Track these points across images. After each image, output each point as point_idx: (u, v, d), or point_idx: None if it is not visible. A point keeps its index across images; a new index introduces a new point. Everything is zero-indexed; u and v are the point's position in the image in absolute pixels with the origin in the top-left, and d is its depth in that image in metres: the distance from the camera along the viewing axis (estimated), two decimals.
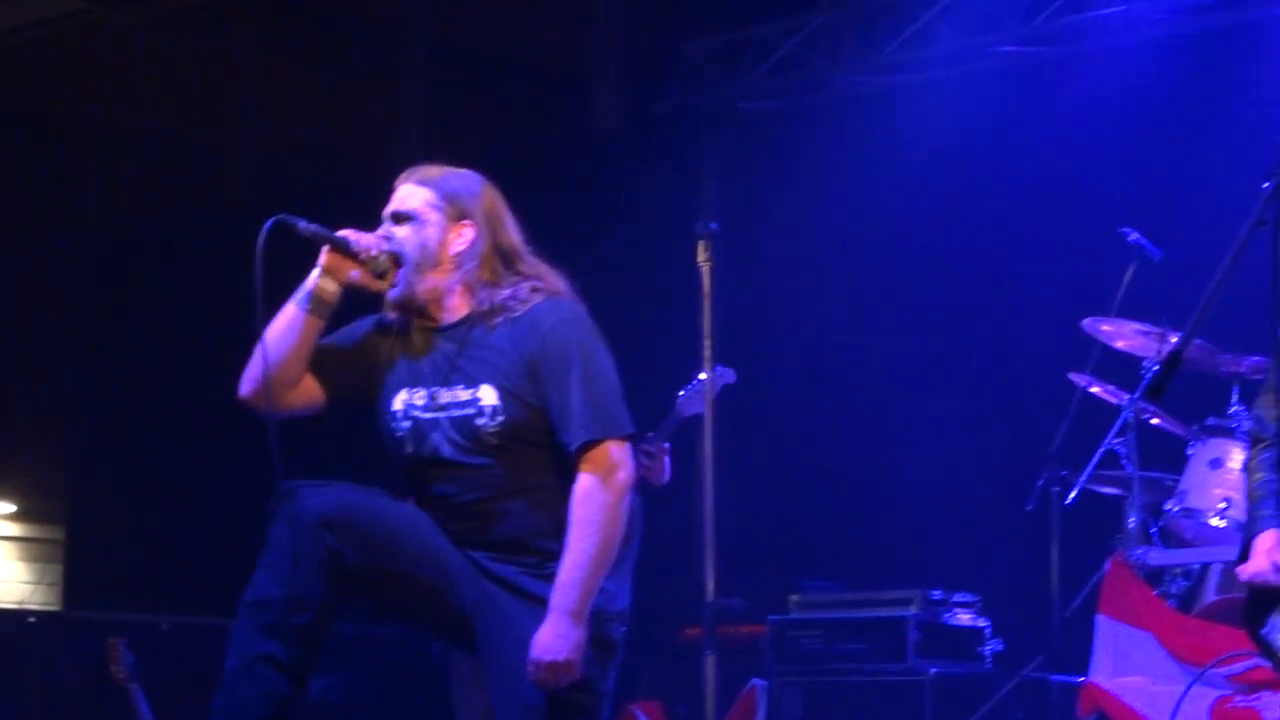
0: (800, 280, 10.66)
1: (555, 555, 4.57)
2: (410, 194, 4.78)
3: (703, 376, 7.25)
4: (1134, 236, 7.98)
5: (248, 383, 4.72)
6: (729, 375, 7.40)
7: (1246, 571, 4.32)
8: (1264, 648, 4.24)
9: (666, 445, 7.27)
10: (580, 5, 12.70)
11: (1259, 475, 4.50)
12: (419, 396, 4.71)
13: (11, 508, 18.21)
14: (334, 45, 15.14)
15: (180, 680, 8.81)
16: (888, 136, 10.46)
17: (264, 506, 4.55)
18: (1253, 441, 4.61)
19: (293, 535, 4.48)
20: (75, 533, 15.18)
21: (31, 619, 11.28)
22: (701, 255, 5.97)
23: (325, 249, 4.73)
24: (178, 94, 15.38)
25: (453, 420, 4.65)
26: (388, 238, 4.74)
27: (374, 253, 4.71)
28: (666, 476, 7.30)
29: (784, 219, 10.78)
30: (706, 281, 5.99)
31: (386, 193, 4.85)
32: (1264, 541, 4.28)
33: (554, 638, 4.48)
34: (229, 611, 4.59)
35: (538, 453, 4.64)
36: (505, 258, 4.76)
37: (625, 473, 4.58)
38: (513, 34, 14.14)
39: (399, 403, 4.74)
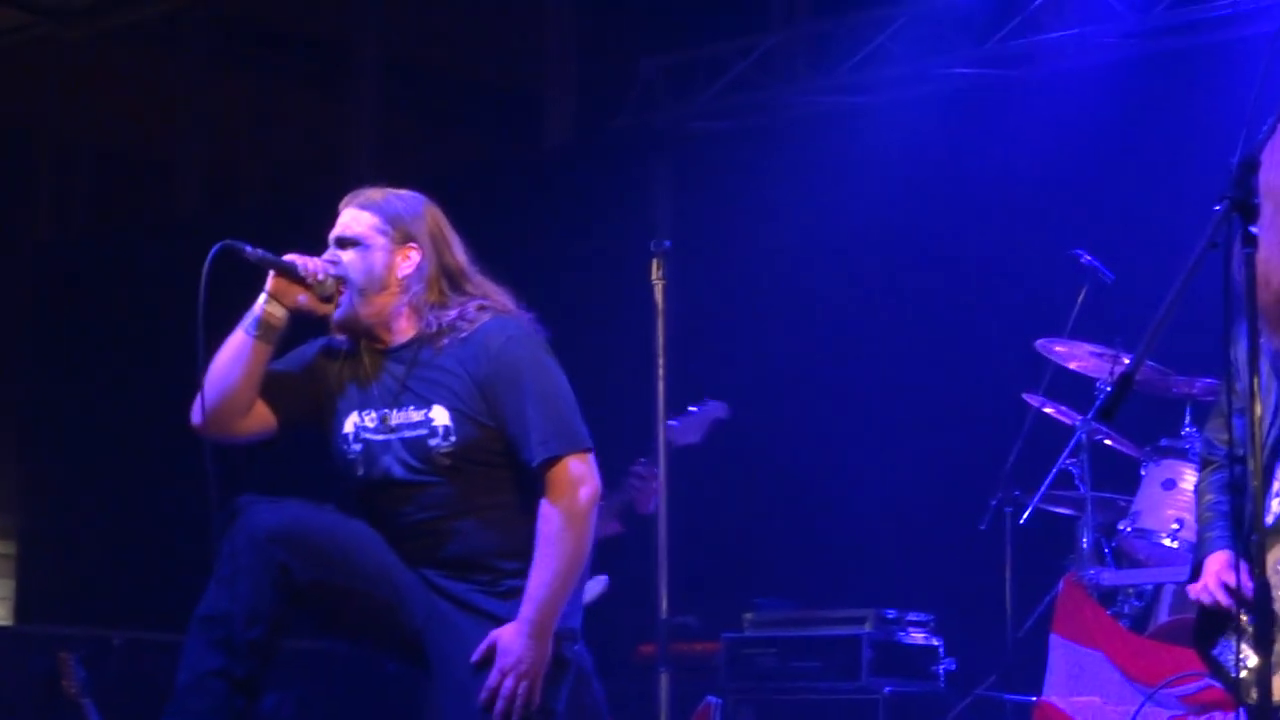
0: (753, 299, 10.66)
1: (509, 574, 4.58)
2: (354, 218, 4.77)
3: (693, 409, 7.29)
4: (1087, 258, 8.00)
5: (198, 412, 4.70)
6: (720, 409, 7.41)
7: (1196, 591, 4.34)
8: (1214, 668, 4.26)
9: (656, 472, 7.26)
10: (533, 21, 12.69)
11: (1209, 497, 4.53)
12: (369, 418, 4.70)
13: None
14: (284, 59, 15.09)
15: (132, 695, 8.74)
16: (841, 157, 10.47)
17: (217, 522, 4.53)
18: (1203, 464, 4.64)
19: (244, 550, 4.48)
20: (26, 546, 15.08)
21: None
22: (655, 273, 5.96)
23: (272, 274, 4.70)
24: (127, 108, 15.32)
25: (404, 441, 4.64)
26: (334, 261, 4.72)
27: (320, 277, 4.69)
28: (653, 505, 7.28)
29: (737, 238, 10.78)
30: (660, 299, 5.97)
31: (334, 212, 4.83)
32: (1213, 563, 4.30)
33: (518, 646, 4.46)
34: (181, 626, 4.58)
35: (491, 472, 4.63)
36: (451, 278, 4.76)
37: (589, 488, 4.58)
38: (465, 49, 14.12)
39: (349, 425, 4.73)
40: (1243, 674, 4.16)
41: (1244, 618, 4.18)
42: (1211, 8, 9.45)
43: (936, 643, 8.08)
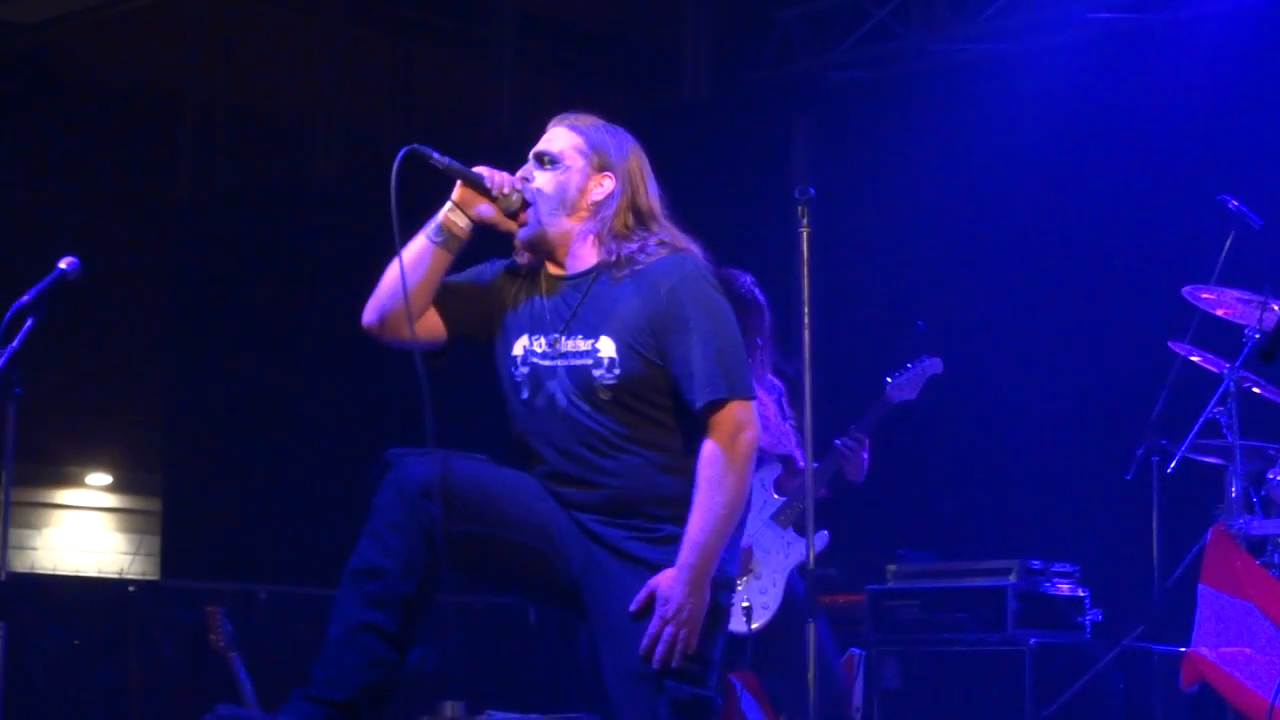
0: (894, 250, 10.61)
1: (666, 520, 4.55)
2: (559, 136, 4.77)
3: (909, 365, 7.33)
4: (1234, 204, 7.89)
5: (372, 311, 4.71)
6: (936, 365, 7.44)
7: None
8: None
9: (865, 440, 7.28)
10: None
11: None
12: (539, 343, 4.68)
13: (108, 479, 18.40)
14: (423, 15, 15.16)
15: (278, 648, 8.87)
16: (981, 105, 10.39)
17: (363, 475, 4.55)
18: None
19: (396, 504, 4.48)
20: (172, 503, 15.30)
21: (130, 588, 11.39)
22: (801, 221, 5.94)
23: (459, 183, 4.72)
24: (266, 68, 15.45)
25: (570, 370, 4.62)
26: (526, 179, 4.73)
27: (507, 190, 4.69)
28: (864, 473, 7.30)
29: (877, 188, 10.73)
30: (805, 248, 5.97)
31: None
32: None
33: (679, 591, 4.45)
34: (326, 581, 4.60)
35: (653, 411, 4.60)
36: (640, 216, 4.74)
37: (751, 433, 4.54)
38: (602, 3, 14.12)
39: (519, 348, 4.71)
40: None
41: None
42: None
43: (1082, 594, 8.02)
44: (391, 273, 4.67)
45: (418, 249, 4.69)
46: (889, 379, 7.39)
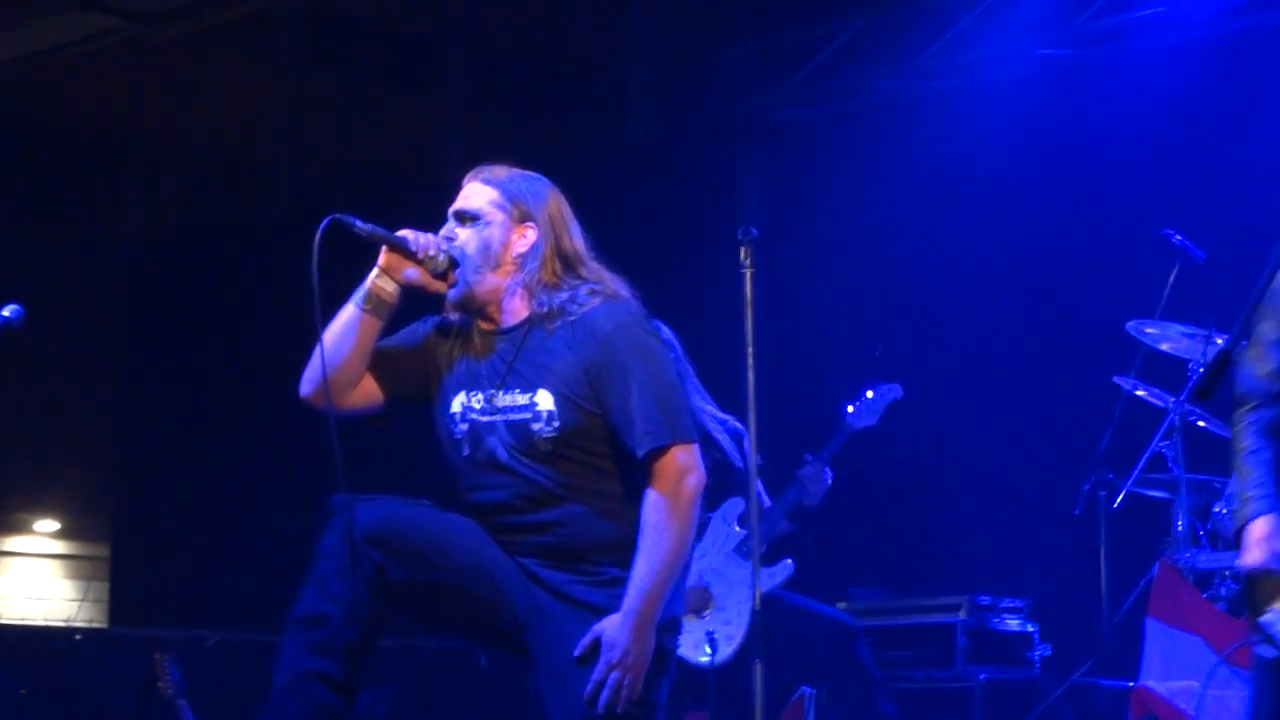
0: (843, 288, 10.63)
1: (610, 564, 4.56)
2: (475, 192, 4.76)
3: (869, 392, 7.35)
4: (1178, 238, 7.94)
5: (308, 383, 4.70)
6: (896, 390, 7.46)
7: (1244, 564, 4.22)
8: (1266, 638, 4.18)
9: (827, 470, 7.30)
10: (617, 14, 12.69)
11: (1246, 443, 4.32)
12: (476, 399, 4.68)
13: (56, 525, 18.31)
14: (371, 58, 15.17)
15: (227, 696, 8.82)
16: (927, 142, 10.43)
17: (310, 521, 4.54)
18: (1237, 403, 4.44)
19: (340, 550, 4.47)
20: (120, 549, 15.22)
21: (78, 636, 11.34)
22: (744, 261, 5.95)
23: (383, 249, 4.71)
24: (215, 110, 15.43)
25: (509, 424, 4.62)
26: (449, 238, 4.73)
27: (432, 252, 4.68)
28: (819, 499, 7.32)
29: (823, 226, 10.75)
30: (749, 288, 5.97)
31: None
32: (1257, 530, 4.18)
33: (624, 637, 4.45)
34: (275, 627, 4.59)
35: (594, 460, 4.61)
36: (567, 262, 4.73)
37: (695, 477, 4.55)
38: (550, 42, 14.15)
39: (457, 405, 4.71)
40: None
41: None
42: None
43: (1032, 629, 8.05)
44: (320, 345, 4.67)
45: (347, 318, 4.69)
46: (849, 406, 7.40)
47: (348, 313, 4.69)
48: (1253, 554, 4.18)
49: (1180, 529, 7.31)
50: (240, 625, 10.30)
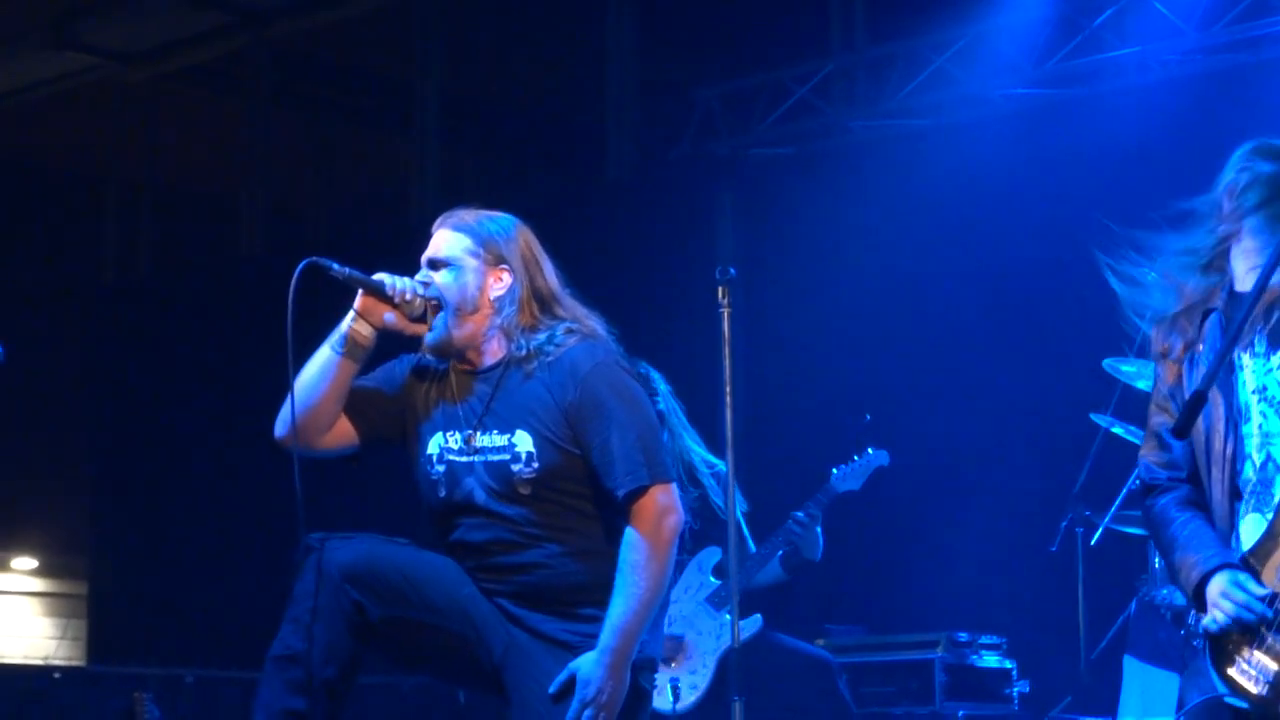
0: (817, 324, 10.64)
1: (587, 603, 4.56)
2: (446, 240, 4.75)
3: (857, 457, 7.37)
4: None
5: (282, 425, 4.70)
6: (883, 457, 7.48)
7: (1210, 622, 4.21)
8: (1235, 688, 4.19)
9: (819, 515, 7.31)
10: (592, 54, 12.72)
11: (1170, 518, 4.34)
12: (454, 440, 4.68)
13: (34, 563, 18.25)
14: (348, 98, 15.19)
15: None
16: (903, 180, 10.46)
17: (288, 560, 4.54)
18: (1145, 490, 4.49)
19: (317, 589, 4.47)
20: (98, 587, 15.17)
21: (56, 674, 11.31)
22: (721, 301, 5.96)
23: (360, 292, 4.71)
24: (190, 149, 15.44)
25: (487, 465, 4.62)
26: (425, 283, 4.72)
27: (409, 297, 4.68)
28: (820, 551, 7.33)
29: (799, 264, 10.78)
30: (726, 327, 5.97)
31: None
32: (1215, 587, 4.19)
33: (599, 675, 4.45)
34: (253, 665, 4.58)
35: (573, 500, 4.61)
36: (542, 301, 4.73)
37: (675, 518, 4.56)
38: (525, 83, 14.19)
39: (434, 446, 4.71)
40: (1263, 689, 4.12)
41: (1254, 632, 4.14)
42: (1274, 23, 9.41)
43: (1010, 665, 8.05)
44: (297, 387, 4.65)
45: (323, 361, 4.68)
46: (835, 469, 7.41)
47: (323, 355, 4.69)
48: (1217, 610, 4.19)
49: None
50: (218, 663, 10.28)
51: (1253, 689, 4.13)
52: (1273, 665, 4.11)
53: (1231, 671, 4.18)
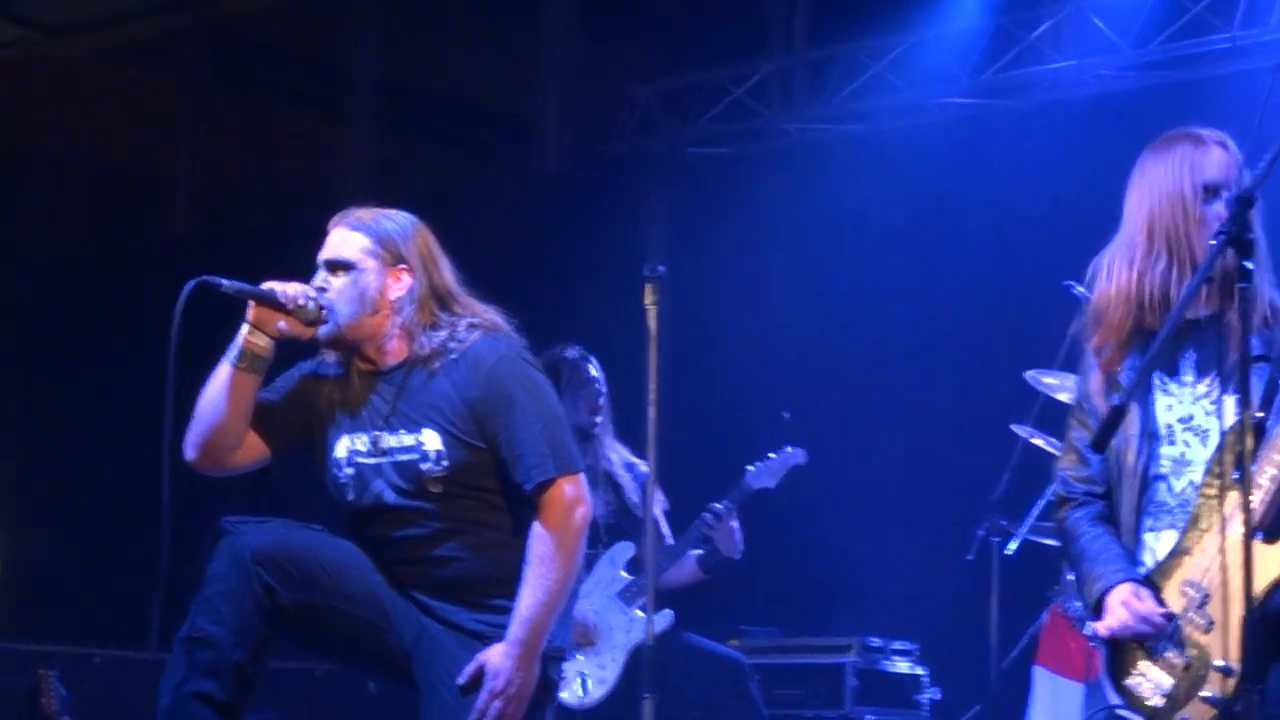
0: (745, 324, 10.66)
1: (498, 594, 4.56)
2: (344, 240, 4.72)
3: (772, 455, 7.36)
4: (1079, 290, 7.98)
5: (192, 448, 4.70)
6: (799, 456, 7.46)
7: (1105, 628, 4.26)
8: (1130, 699, 4.23)
9: (734, 510, 7.29)
10: (529, 47, 12.70)
11: (1082, 531, 4.39)
12: (361, 442, 4.67)
13: None
14: (281, 81, 15.10)
15: (112, 713, 8.73)
16: (836, 185, 10.48)
17: (201, 542, 4.52)
18: (1060, 502, 4.51)
19: (229, 572, 4.46)
20: (6, 563, 15.03)
21: None
22: (648, 298, 5.96)
23: (252, 304, 4.67)
24: (122, 126, 15.32)
25: (396, 465, 4.62)
26: (321, 289, 4.69)
27: (301, 302, 4.64)
28: (739, 549, 7.31)
29: (730, 264, 10.79)
30: (653, 324, 5.98)
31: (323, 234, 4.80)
32: (1116, 596, 4.23)
33: (507, 666, 4.45)
34: (163, 645, 4.55)
35: (483, 495, 4.61)
36: (441, 299, 4.73)
37: (583, 510, 4.57)
38: (461, 73, 14.14)
39: (342, 449, 4.70)
40: (1159, 701, 4.17)
41: (1152, 646, 4.18)
42: (1209, 42, 9.48)
43: (921, 672, 8.08)
44: (200, 407, 4.65)
45: (222, 377, 4.66)
46: (750, 467, 7.40)
47: (223, 372, 4.67)
48: (1114, 617, 4.22)
49: (1070, 577, 7.34)
50: (127, 643, 10.19)
51: (1148, 701, 4.18)
52: (1168, 678, 4.15)
53: (1129, 683, 4.22)
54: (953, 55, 10.29)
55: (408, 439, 4.62)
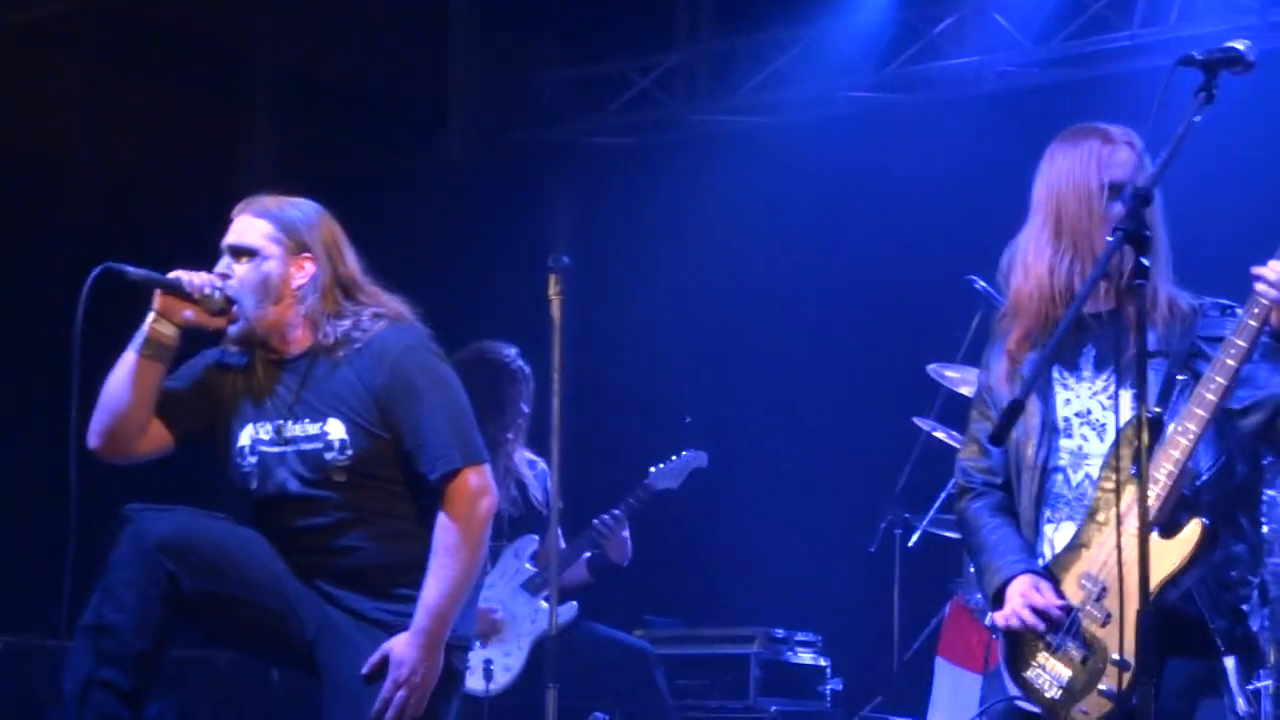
0: (648, 317, 10.66)
1: (402, 584, 4.56)
2: (248, 227, 4.70)
3: (674, 457, 7.39)
4: (981, 285, 8.04)
5: (95, 436, 4.67)
6: (701, 458, 7.50)
7: (1003, 619, 4.30)
8: (1029, 690, 4.27)
9: (625, 520, 7.31)
10: (435, 33, 12.64)
11: (981, 523, 4.42)
12: (265, 431, 4.66)
13: None
14: (181, 64, 14.95)
15: (12, 701, 8.66)
16: (740, 177, 10.51)
17: (103, 528, 4.49)
18: (960, 493, 4.56)
19: (131, 560, 4.44)
20: None
21: None
22: (552, 289, 5.97)
23: (158, 292, 4.65)
24: (16, 109, 15.14)
25: (300, 454, 4.61)
26: (225, 275, 4.67)
27: (207, 291, 4.63)
28: (628, 557, 7.34)
29: (635, 256, 10.79)
30: (557, 315, 5.98)
31: (230, 220, 4.78)
32: (1016, 587, 4.27)
33: (411, 655, 4.45)
34: (64, 633, 4.53)
35: (386, 485, 4.61)
36: (345, 288, 4.72)
37: (488, 500, 4.58)
38: (365, 59, 14.05)
39: (245, 438, 4.69)
40: (1057, 693, 4.21)
41: (1051, 638, 4.23)
42: (1109, 40, 9.57)
43: (824, 663, 8.12)
44: (105, 395, 4.63)
45: (128, 366, 4.64)
46: (653, 468, 7.43)
47: (128, 360, 4.65)
48: (1012, 608, 4.26)
49: (972, 570, 7.40)
50: (28, 630, 10.10)
51: (1046, 693, 4.22)
52: (1066, 671, 4.20)
53: (1027, 675, 4.26)
54: (857, 48, 10.33)
55: (312, 428, 4.61)
